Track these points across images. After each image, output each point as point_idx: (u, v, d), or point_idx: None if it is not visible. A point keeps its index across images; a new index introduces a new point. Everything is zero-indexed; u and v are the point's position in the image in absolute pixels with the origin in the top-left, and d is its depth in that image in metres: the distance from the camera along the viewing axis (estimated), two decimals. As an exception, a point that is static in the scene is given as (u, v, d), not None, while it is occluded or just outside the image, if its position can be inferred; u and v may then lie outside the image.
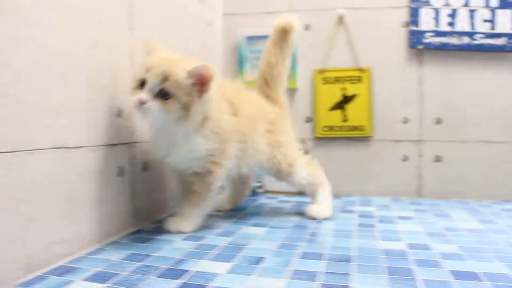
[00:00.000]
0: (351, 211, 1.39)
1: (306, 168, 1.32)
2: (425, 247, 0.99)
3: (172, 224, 1.11)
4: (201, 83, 0.98)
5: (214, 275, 0.80)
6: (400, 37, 1.62)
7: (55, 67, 0.85)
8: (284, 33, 1.32)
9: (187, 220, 1.12)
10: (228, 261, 0.88)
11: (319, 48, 1.68)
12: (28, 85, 0.78)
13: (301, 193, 1.51)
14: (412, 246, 0.99)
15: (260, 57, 1.35)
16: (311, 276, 0.80)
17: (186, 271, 0.83)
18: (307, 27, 1.69)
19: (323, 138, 1.69)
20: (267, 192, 1.71)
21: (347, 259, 0.90)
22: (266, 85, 1.33)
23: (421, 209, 1.43)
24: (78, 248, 0.93)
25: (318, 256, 0.92)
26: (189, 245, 1.00)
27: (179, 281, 0.77)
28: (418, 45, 1.58)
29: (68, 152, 0.88)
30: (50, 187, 0.84)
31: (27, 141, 0.78)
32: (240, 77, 1.71)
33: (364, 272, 0.82)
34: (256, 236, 1.08)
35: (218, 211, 1.38)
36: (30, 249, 0.79)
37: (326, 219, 1.28)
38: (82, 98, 0.93)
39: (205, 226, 1.16)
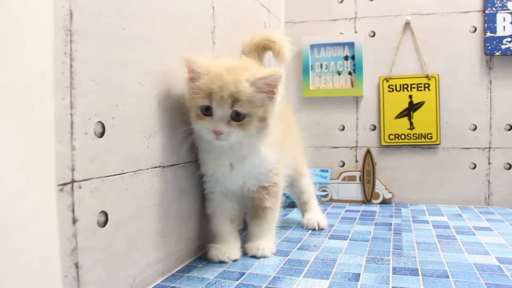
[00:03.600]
0: (425, 221, 1.36)
1: (308, 173, 1.36)
2: (518, 262, 0.96)
3: (255, 249, 1.02)
4: (271, 88, 0.90)
5: (318, 292, 0.80)
6: (469, 42, 1.59)
7: (152, 87, 0.86)
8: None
9: (269, 242, 1.05)
10: (325, 278, 0.88)
11: (385, 56, 1.66)
12: (132, 106, 0.80)
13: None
14: (503, 261, 0.97)
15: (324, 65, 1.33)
16: (415, 294, 0.79)
17: (288, 289, 0.82)
18: (372, 34, 1.67)
19: (389, 146, 1.67)
20: (332, 200, 1.70)
21: (444, 275, 0.88)
22: None
23: (494, 218, 1.40)
24: (172, 266, 0.94)
25: (413, 272, 0.90)
26: (278, 261, 0.99)
27: (283, 299, 0.78)
28: (495, 52, 1.53)
29: (164, 171, 0.89)
30: (150, 206, 0.85)
31: (133, 162, 0.79)
32: (304, 86, 1.71)
33: (466, 290, 0.81)
34: (339, 249, 1.07)
35: None
36: (134, 269, 0.80)
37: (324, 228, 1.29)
38: (177, 117, 0.94)
39: (285, 240, 1.17)
